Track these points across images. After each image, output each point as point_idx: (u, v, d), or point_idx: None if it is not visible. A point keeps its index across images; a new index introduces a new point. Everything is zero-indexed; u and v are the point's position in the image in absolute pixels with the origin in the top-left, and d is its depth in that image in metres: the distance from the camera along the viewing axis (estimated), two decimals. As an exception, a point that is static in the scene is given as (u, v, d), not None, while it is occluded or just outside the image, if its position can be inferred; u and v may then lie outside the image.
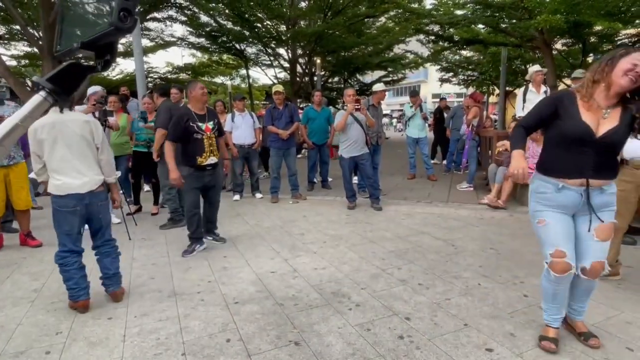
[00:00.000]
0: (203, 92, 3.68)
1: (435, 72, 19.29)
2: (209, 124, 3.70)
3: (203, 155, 3.65)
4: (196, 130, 3.61)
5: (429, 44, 12.59)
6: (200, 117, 3.66)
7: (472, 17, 9.23)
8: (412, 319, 2.47)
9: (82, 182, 2.62)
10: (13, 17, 8.67)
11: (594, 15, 6.68)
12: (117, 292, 2.79)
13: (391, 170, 8.30)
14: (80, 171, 2.63)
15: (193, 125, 3.60)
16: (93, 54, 0.86)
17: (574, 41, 10.47)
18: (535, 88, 5.78)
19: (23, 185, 4.07)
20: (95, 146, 2.73)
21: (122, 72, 16.02)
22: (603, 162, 1.92)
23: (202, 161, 3.65)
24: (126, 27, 0.68)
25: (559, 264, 1.98)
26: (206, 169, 3.71)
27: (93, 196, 2.66)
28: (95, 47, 0.77)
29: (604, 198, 1.97)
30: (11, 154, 3.95)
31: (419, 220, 4.77)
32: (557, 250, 1.98)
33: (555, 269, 1.99)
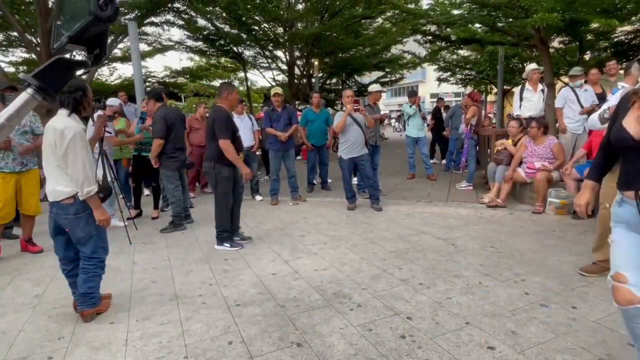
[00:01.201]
0: (239, 97, 4.23)
1: (432, 72, 19.33)
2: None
3: (241, 154, 3.97)
4: (237, 129, 3.98)
5: (426, 44, 12.61)
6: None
7: (468, 16, 9.24)
8: (414, 318, 2.47)
9: (48, 191, 2.51)
10: (10, 24, 8.69)
11: (590, 12, 6.69)
12: (83, 312, 2.59)
13: (390, 171, 8.31)
14: (48, 179, 2.51)
15: (234, 123, 3.97)
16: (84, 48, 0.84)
17: (570, 39, 10.48)
18: (532, 86, 5.80)
19: (33, 191, 4.08)
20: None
21: (120, 76, 16.03)
22: None
23: (242, 157, 3.99)
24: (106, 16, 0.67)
25: (619, 289, 1.65)
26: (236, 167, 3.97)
27: (59, 207, 2.48)
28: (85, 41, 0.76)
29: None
30: (24, 161, 3.94)
31: (419, 220, 4.77)
32: (617, 273, 1.66)
33: (616, 297, 1.66)
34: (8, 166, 3.84)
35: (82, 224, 2.52)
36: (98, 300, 2.66)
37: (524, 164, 5.19)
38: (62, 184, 2.44)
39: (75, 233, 2.53)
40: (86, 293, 2.58)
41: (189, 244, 4.23)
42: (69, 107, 2.46)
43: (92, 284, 2.61)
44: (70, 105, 2.46)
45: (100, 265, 2.66)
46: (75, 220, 2.49)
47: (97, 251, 2.61)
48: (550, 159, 5.01)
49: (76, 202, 2.48)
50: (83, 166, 2.40)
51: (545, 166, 4.93)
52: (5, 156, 3.82)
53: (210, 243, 4.19)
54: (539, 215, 4.76)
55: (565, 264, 3.25)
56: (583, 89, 5.49)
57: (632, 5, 7.56)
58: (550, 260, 3.35)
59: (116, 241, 4.05)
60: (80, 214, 2.50)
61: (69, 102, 2.46)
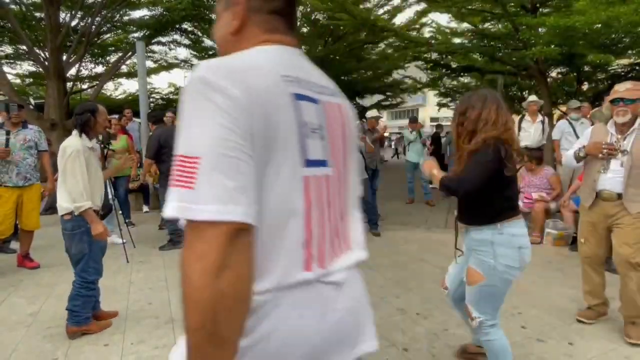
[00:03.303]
0: None
1: (433, 97, 19.61)
2: None
3: None
4: None
5: (427, 71, 12.86)
6: None
7: (468, 45, 9.47)
8: (410, 350, 2.46)
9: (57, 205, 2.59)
10: (20, 38, 8.86)
11: (587, 47, 6.88)
12: (67, 328, 2.64)
13: (389, 195, 8.35)
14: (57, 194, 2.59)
15: None
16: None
17: (568, 70, 10.72)
18: (531, 117, 5.91)
19: (35, 206, 4.10)
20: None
21: (125, 92, 16.25)
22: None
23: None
24: None
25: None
26: None
27: (61, 222, 2.57)
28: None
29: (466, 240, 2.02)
30: (27, 175, 3.96)
31: (418, 247, 4.78)
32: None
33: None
34: (12, 180, 3.87)
35: (75, 240, 2.56)
36: (83, 320, 2.64)
37: (521, 194, 5.23)
38: (63, 199, 2.52)
39: (70, 248, 2.59)
40: (70, 310, 2.62)
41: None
42: (77, 128, 2.61)
43: (76, 302, 2.61)
44: (78, 126, 2.61)
45: (85, 285, 2.62)
46: (71, 236, 2.55)
47: (87, 270, 2.61)
48: (548, 189, 5.07)
49: (74, 219, 2.53)
50: (77, 182, 2.47)
51: (543, 197, 4.98)
52: (9, 170, 3.86)
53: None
54: (536, 246, 4.77)
55: (562, 297, 3.25)
56: (580, 121, 5.61)
57: (628, 40, 7.78)
58: (547, 293, 3.35)
59: (113, 259, 4.04)
60: (75, 230, 2.55)
61: (78, 123, 2.62)
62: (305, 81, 0.79)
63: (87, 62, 12.09)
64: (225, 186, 0.60)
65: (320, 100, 0.82)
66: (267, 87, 0.69)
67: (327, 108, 0.83)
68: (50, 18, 8.31)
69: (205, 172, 0.61)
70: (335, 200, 0.84)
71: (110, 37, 11.92)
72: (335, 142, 0.84)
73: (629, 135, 2.54)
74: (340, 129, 0.87)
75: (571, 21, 6.10)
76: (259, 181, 0.66)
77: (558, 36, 6.84)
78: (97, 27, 9.64)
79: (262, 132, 0.66)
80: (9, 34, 10.21)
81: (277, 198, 0.69)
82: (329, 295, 0.79)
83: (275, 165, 0.69)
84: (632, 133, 2.52)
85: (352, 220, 0.94)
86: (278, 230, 0.70)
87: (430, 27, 10.59)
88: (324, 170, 0.80)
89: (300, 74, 0.79)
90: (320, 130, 0.79)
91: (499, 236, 1.85)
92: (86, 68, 12.30)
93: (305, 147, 0.74)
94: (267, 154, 0.67)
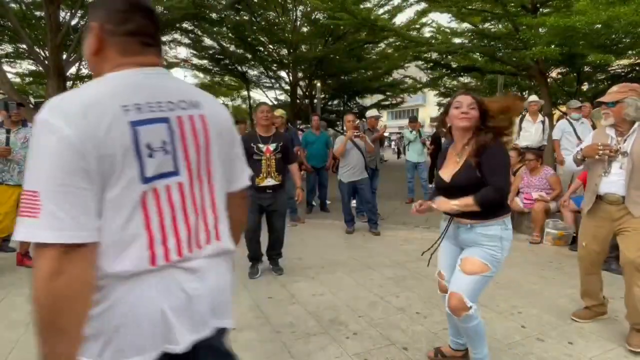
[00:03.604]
0: (263, 115, 3.73)
1: (433, 97, 19.62)
2: (271, 146, 3.71)
3: (260, 177, 3.68)
4: (255, 152, 3.68)
5: (428, 70, 12.87)
6: (263, 139, 3.73)
7: (469, 45, 9.47)
8: (410, 349, 2.46)
9: None
10: (20, 37, 8.87)
11: (587, 47, 6.88)
12: None
13: (389, 194, 8.34)
14: None
15: (253, 146, 3.67)
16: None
17: (568, 70, 10.72)
18: (531, 117, 5.91)
19: None
20: None
21: (125, 91, 16.22)
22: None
23: (259, 182, 3.67)
24: None
25: (440, 283, 2.28)
26: (265, 191, 3.71)
27: None
28: None
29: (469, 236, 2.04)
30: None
31: (417, 246, 4.77)
32: (439, 272, 2.26)
33: (439, 287, 2.28)
34: (13, 179, 3.87)
35: None
36: None
37: (521, 194, 5.23)
38: None
39: None
40: None
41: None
42: None
43: None
44: None
45: None
46: None
47: None
48: (547, 189, 5.07)
49: None
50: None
51: (543, 197, 4.98)
52: (10, 169, 3.86)
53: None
54: (536, 246, 4.77)
55: (562, 297, 3.25)
56: (580, 121, 5.61)
57: (628, 41, 7.78)
58: (547, 293, 3.35)
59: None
60: None
61: None
62: (150, 104, 0.93)
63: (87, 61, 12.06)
64: (56, 216, 0.78)
65: (169, 117, 0.95)
66: (104, 122, 0.84)
67: (180, 121, 0.97)
68: (50, 17, 8.31)
69: (43, 204, 0.78)
70: (193, 201, 1.00)
71: (110, 36, 11.90)
72: (189, 151, 0.98)
73: (629, 137, 2.53)
74: (201, 137, 1.01)
75: (571, 21, 6.10)
76: (99, 202, 0.85)
77: (558, 36, 6.84)
78: (97, 26, 9.63)
79: (95, 167, 0.82)
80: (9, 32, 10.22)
81: (117, 213, 0.87)
82: (182, 278, 0.97)
83: (112, 188, 0.86)
84: (632, 135, 2.51)
85: (218, 215, 1.08)
86: (122, 237, 0.88)
87: (430, 27, 10.60)
88: (173, 179, 0.96)
89: (145, 98, 0.92)
90: (165, 146, 0.94)
91: (506, 231, 2.00)
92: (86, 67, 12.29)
93: (143, 167, 0.89)
94: (105, 181, 0.85)
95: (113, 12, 0.97)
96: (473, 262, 1.98)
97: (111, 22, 0.96)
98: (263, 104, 4.05)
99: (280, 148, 3.74)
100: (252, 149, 3.66)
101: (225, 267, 1.11)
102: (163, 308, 0.93)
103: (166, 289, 0.94)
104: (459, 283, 1.98)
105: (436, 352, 2.36)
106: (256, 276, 3.77)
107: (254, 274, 3.79)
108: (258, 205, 3.73)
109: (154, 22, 1.02)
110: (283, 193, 3.87)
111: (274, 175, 3.71)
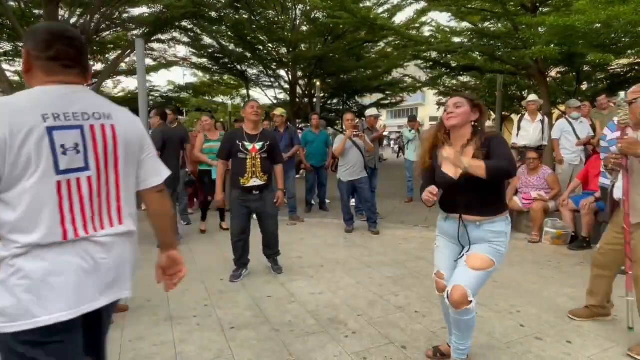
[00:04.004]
0: (253, 110, 3.59)
1: (432, 96, 19.61)
2: (257, 145, 3.56)
3: (245, 177, 3.53)
4: (240, 150, 3.53)
5: (427, 70, 12.86)
6: (250, 137, 3.58)
7: (468, 45, 9.46)
8: (409, 348, 2.47)
9: None
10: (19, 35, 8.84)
11: (586, 47, 6.87)
12: None
13: (388, 194, 8.35)
14: None
15: (239, 144, 3.53)
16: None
17: (568, 70, 10.72)
18: (530, 117, 5.91)
19: None
20: None
21: (124, 90, 16.22)
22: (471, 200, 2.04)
23: (244, 182, 3.52)
24: None
25: (438, 283, 2.23)
26: (252, 192, 3.57)
27: None
28: None
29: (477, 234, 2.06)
30: None
31: (416, 245, 4.78)
32: (438, 272, 2.22)
33: (437, 287, 2.24)
34: None
35: None
36: None
37: (519, 193, 5.24)
38: None
39: None
40: None
41: (185, 261, 4.20)
42: None
43: None
44: None
45: None
46: None
47: None
48: (546, 189, 5.07)
49: None
50: None
51: (542, 196, 4.98)
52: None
53: (206, 261, 4.18)
54: (535, 245, 4.78)
55: (561, 296, 3.26)
56: (579, 120, 5.61)
57: (628, 40, 7.77)
58: (546, 292, 3.36)
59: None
60: None
61: None
62: (66, 114, 1.18)
63: (86, 59, 12.03)
64: None
65: (83, 125, 1.21)
66: (26, 125, 1.10)
67: (92, 129, 1.23)
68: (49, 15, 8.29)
69: None
70: (99, 191, 1.25)
71: (109, 35, 11.88)
72: (98, 152, 1.24)
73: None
74: (110, 142, 1.26)
75: (571, 21, 6.10)
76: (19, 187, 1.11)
77: (558, 35, 6.84)
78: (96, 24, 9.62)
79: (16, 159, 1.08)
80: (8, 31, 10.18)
81: (34, 197, 1.11)
82: (92, 250, 1.22)
83: (30, 177, 1.11)
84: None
85: (121, 204, 1.32)
86: (38, 214, 1.12)
87: (429, 26, 10.58)
88: (83, 173, 1.21)
89: (62, 109, 1.17)
90: (77, 147, 1.19)
91: (509, 227, 2.07)
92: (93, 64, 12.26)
93: (57, 162, 1.14)
94: (24, 172, 1.10)
95: (38, 41, 1.21)
96: (481, 259, 2.01)
97: (37, 49, 1.20)
98: (252, 100, 4.00)
99: (267, 147, 3.59)
100: (238, 147, 3.54)
101: (129, 245, 1.35)
102: (76, 269, 1.18)
103: (78, 256, 1.19)
104: (464, 277, 1.99)
105: (435, 351, 2.36)
106: (236, 280, 3.62)
107: (235, 277, 3.65)
108: (245, 208, 3.61)
109: (76, 48, 1.25)
110: (270, 193, 3.70)
111: (259, 176, 3.55)
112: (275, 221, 3.81)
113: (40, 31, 1.24)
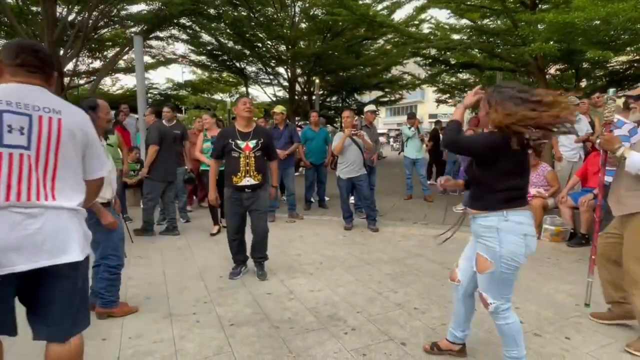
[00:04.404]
0: (245, 107, 3.48)
1: (431, 93, 19.61)
2: (251, 143, 3.45)
3: (238, 175, 3.43)
4: (233, 148, 3.43)
5: (426, 67, 12.85)
6: (242, 135, 3.47)
7: (468, 42, 9.45)
8: (408, 344, 2.47)
9: None
10: (17, 33, 8.81)
11: (585, 44, 6.87)
12: (95, 308, 2.80)
13: (388, 191, 8.35)
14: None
15: (231, 142, 3.43)
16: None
17: (567, 67, 10.71)
18: (530, 114, 5.90)
19: None
20: None
21: (122, 87, 16.17)
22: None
23: (237, 181, 3.43)
24: None
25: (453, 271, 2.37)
26: (245, 191, 3.47)
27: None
28: None
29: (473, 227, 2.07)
30: None
31: (415, 242, 4.79)
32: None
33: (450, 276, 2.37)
34: None
35: (91, 229, 2.60)
36: (110, 303, 2.83)
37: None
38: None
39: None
40: (97, 292, 2.79)
41: (184, 259, 4.22)
42: None
43: (102, 285, 2.80)
44: None
45: (109, 270, 2.81)
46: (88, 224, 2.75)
47: (106, 257, 2.81)
48: (545, 186, 5.07)
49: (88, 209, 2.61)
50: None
51: (541, 193, 4.99)
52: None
53: (206, 259, 4.18)
54: (534, 242, 4.78)
55: (559, 293, 3.26)
56: (577, 117, 5.60)
57: (627, 37, 7.77)
58: (545, 289, 3.36)
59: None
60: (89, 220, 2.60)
61: None
62: (19, 103, 1.47)
63: (84, 57, 12.02)
64: None
65: (32, 115, 1.48)
66: None
67: (40, 119, 1.49)
68: (47, 12, 8.26)
69: None
70: (36, 170, 1.48)
71: (107, 32, 11.84)
72: (42, 138, 1.48)
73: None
74: (54, 132, 1.51)
75: (570, 17, 6.09)
76: None
77: (557, 32, 6.82)
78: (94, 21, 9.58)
79: None
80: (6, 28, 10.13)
81: None
82: (19, 219, 1.43)
83: None
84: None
85: (56, 184, 1.53)
86: None
87: (429, 23, 10.58)
88: (25, 152, 1.46)
89: (16, 99, 1.47)
90: (22, 130, 1.46)
91: (505, 223, 1.92)
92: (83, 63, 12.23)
93: (2, 137, 1.42)
94: None
95: (8, 52, 1.55)
96: (477, 259, 2.03)
97: (7, 58, 1.54)
98: (243, 96, 3.97)
99: (261, 145, 3.48)
100: (230, 146, 3.44)
101: (65, 217, 1.55)
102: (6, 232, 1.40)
103: (9, 221, 1.41)
104: (477, 281, 2.07)
105: (432, 345, 2.37)
106: (236, 277, 3.62)
107: (234, 274, 3.65)
108: (239, 207, 3.54)
109: (40, 59, 1.58)
110: (264, 191, 3.59)
111: (253, 175, 3.44)
112: (265, 219, 3.71)
113: (11, 45, 1.59)
